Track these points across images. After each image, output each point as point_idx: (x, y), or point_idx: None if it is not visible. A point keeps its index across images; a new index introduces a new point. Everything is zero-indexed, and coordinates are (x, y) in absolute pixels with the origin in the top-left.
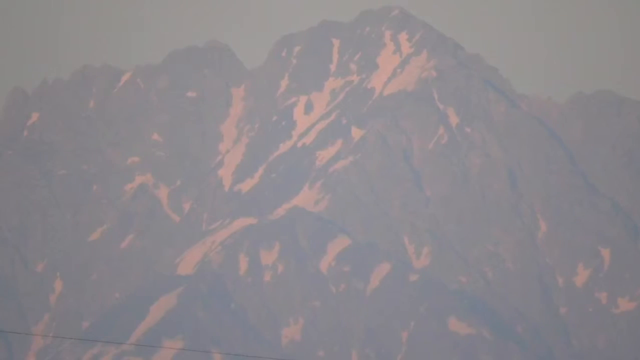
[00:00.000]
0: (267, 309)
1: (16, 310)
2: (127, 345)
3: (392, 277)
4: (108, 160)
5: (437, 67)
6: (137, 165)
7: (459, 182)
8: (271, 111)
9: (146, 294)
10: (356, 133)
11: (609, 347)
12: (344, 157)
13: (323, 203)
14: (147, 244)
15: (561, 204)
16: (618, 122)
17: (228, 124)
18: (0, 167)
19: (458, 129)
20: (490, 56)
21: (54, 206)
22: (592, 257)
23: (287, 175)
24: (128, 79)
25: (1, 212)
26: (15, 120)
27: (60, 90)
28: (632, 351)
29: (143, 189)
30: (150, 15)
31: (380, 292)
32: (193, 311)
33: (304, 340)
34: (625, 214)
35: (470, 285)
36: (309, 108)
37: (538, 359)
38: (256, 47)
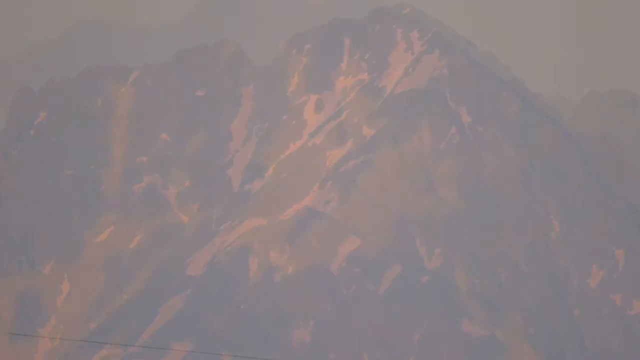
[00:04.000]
0: (277, 311)
1: (23, 312)
2: (136, 347)
3: (403, 279)
4: (116, 160)
5: (449, 66)
6: (146, 165)
7: (471, 182)
8: (281, 110)
9: (155, 295)
10: (367, 132)
11: (623, 349)
12: (355, 157)
13: (333, 203)
14: (155, 244)
15: (575, 205)
16: (632, 120)
17: (237, 124)
18: (7, 166)
19: (470, 128)
20: (503, 54)
21: (61, 206)
22: (606, 258)
23: (297, 175)
24: (136, 78)
25: (8, 212)
26: (22, 119)
27: (68, 89)
28: None
29: (151, 189)
30: (159, 13)
31: (391, 293)
32: (202, 313)
33: (314, 342)
34: None
35: (482, 287)
36: (319, 107)
37: None
38: (266, 46)
